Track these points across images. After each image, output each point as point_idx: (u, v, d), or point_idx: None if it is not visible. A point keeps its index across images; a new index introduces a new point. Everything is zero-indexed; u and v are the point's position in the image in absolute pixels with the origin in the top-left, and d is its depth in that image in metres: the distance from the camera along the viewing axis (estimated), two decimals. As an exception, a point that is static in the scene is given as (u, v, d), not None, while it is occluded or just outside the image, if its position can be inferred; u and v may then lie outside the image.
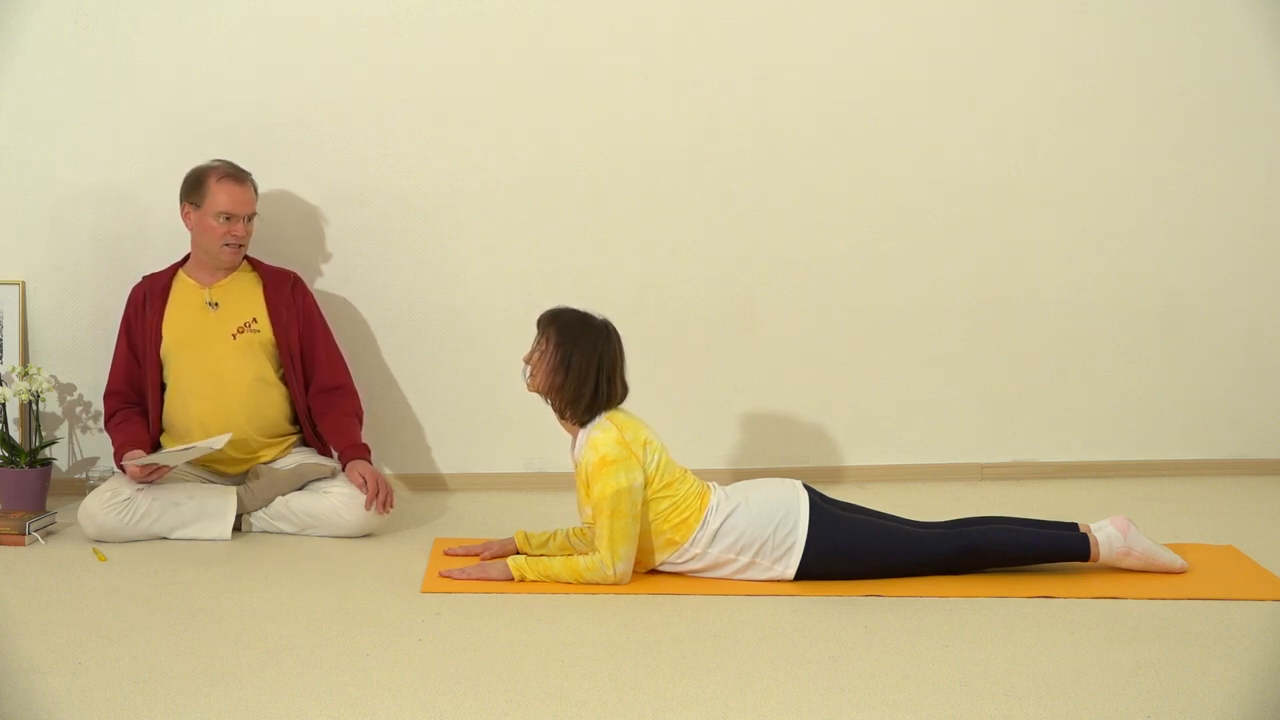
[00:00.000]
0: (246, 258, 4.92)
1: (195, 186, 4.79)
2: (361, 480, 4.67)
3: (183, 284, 4.86)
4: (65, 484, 5.16)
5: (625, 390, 4.26)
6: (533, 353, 4.24)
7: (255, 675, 3.48)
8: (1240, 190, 5.45)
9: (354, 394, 4.97)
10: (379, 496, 4.65)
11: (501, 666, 3.55)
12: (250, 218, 4.81)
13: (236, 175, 4.78)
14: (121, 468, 4.70)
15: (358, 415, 4.93)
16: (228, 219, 4.76)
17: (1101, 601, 4.06)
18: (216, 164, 4.82)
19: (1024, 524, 4.34)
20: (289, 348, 4.85)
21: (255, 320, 4.83)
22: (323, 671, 3.51)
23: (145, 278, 4.91)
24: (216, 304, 4.83)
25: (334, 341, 4.98)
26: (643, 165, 5.28)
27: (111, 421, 4.84)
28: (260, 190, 4.97)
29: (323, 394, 4.90)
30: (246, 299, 4.86)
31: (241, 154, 4.97)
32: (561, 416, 4.24)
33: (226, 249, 4.79)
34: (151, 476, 4.61)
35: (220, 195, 4.75)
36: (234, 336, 4.80)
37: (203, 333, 4.80)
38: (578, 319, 4.22)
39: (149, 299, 4.84)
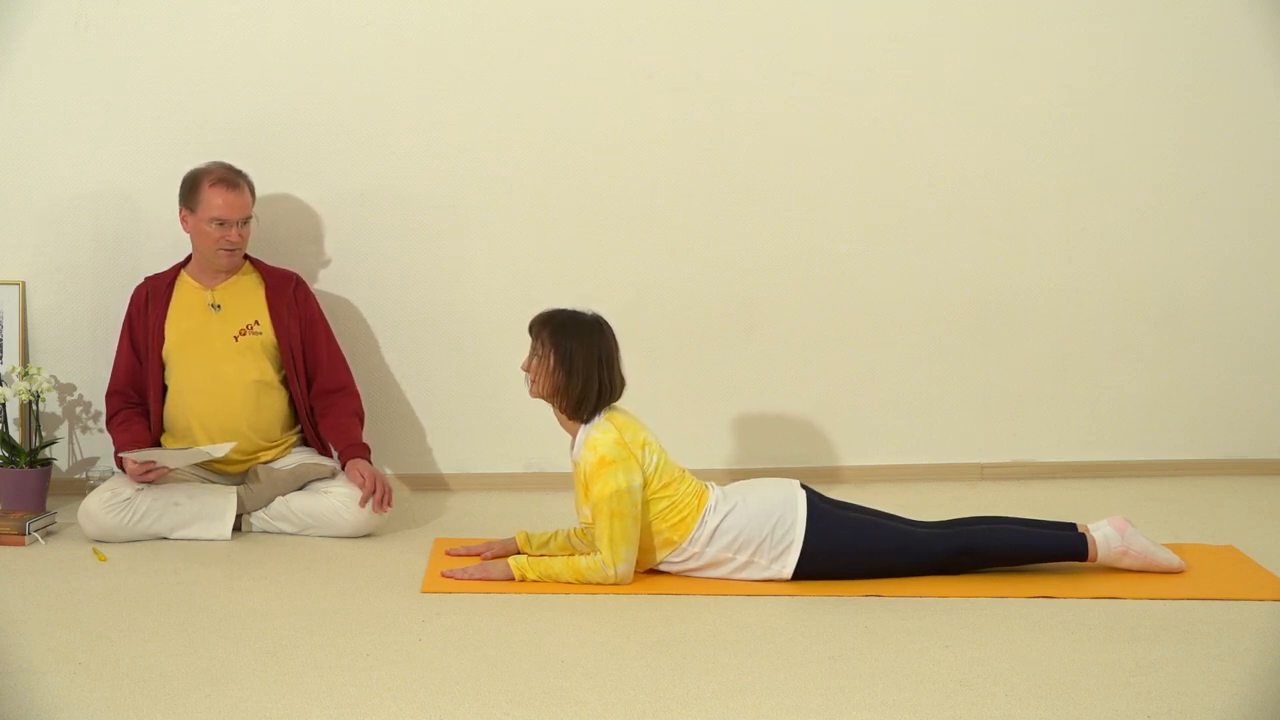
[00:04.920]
0: (249, 259, 4.92)
1: (190, 191, 4.78)
2: (360, 478, 4.67)
3: (185, 285, 4.86)
4: (65, 484, 5.16)
5: (624, 382, 4.27)
6: (530, 359, 4.24)
7: (255, 675, 3.48)
8: (1240, 190, 5.45)
9: (355, 394, 4.96)
10: (376, 494, 4.65)
11: (501, 666, 3.55)
12: (245, 221, 4.79)
13: (230, 180, 4.76)
14: (121, 465, 4.70)
15: (359, 415, 4.93)
16: (221, 225, 4.74)
17: (1101, 601, 4.06)
18: (211, 168, 4.80)
19: (1022, 524, 4.34)
20: (290, 350, 4.84)
21: (257, 322, 4.83)
22: (323, 671, 3.51)
23: (148, 278, 4.91)
24: (219, 306, 4.83)
25: (336, 343, 4.98)
26: (643, 165, 5.28)
27: (113, 421, 4.84)
28: (260, 191, 4.97)
29: (325, 395, 4.90)
30: (249, 301, 4.85)
31: (241, 154, 4.97)
32: (568, 416, 4.24)
33: (222, 253, 4.78)
34: (150, 476, 4.61)
35: (213, 201, 4.74)
36: (236, 339, 4.80)
37: (205, 334, 4.80)
38: (569, 318, 4.23)
39: (151, 300, 4.84)
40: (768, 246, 5.34)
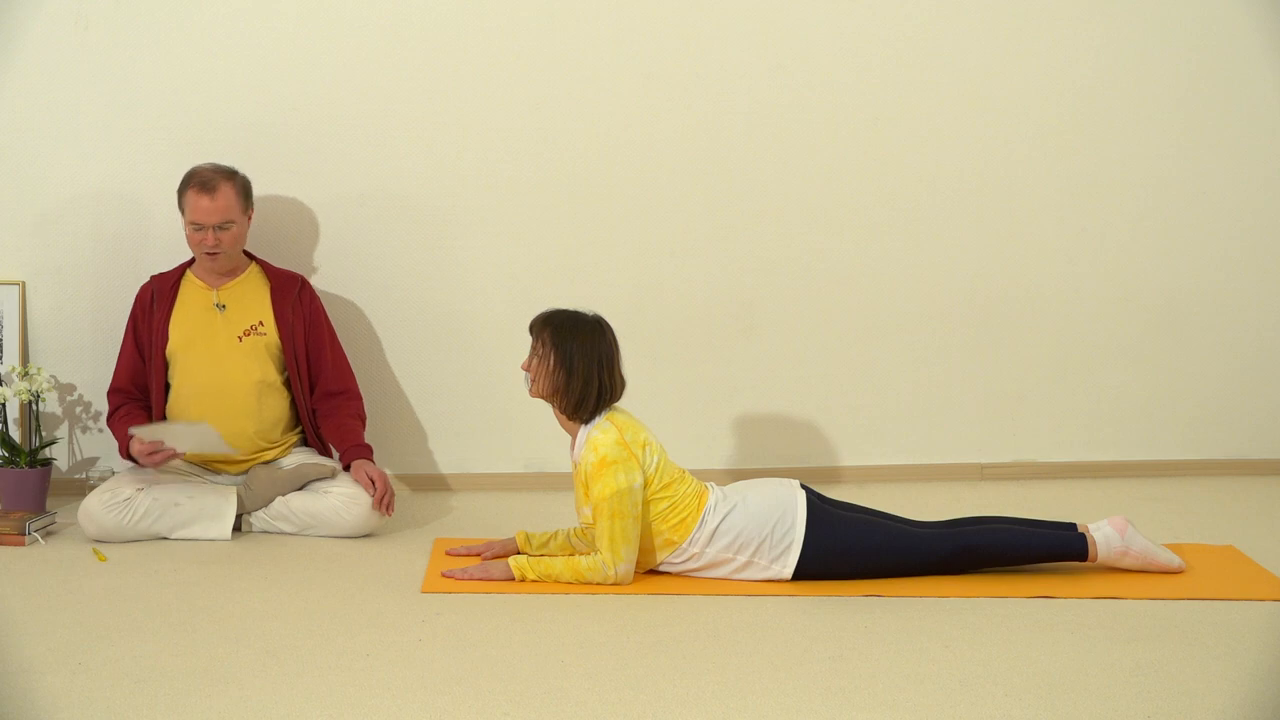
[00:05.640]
0: (255, 260, 4.92)
1: (180, 193, 4.79)
2: (369, 481, 4.67)
3: (190, 285, 4.87)
4: (65, 484, 5.16)
5: (624, 383, 4.27)
6: (530, 359, 4.24)
7: (255, 675, 3.48)
8: (1240, 190, 5.45)
9: (358, 398, 4.96)
10: (385, 498, 4.65)
11: (501, 666, 3.55)
12: (223, 226, 4.74)
13: (206, 184, 4.72)
14: (129, 455, 4.69)
15: (361, 418, 4.93)
16: (199, 229, 4.74)
17: (1101, 601, 4.06)
18: (197, 170, 4.77)
19: (1022, 524, 4.35)
20: (294, 351, 4.84)
21: (261, 323, 4.83)
22: (323, 671, 3.51)
23: (153, 277, 4.91)
24: (224, 306, 4.83)
25: (340, 345, 4.98)
26: (643, 165, 5.28)
27: (114, 416, 4.84)
28: (260, 191, 4.97)
29: (327, 398, 4.90)
30: (253, 302, 4.85)
31: (241, 154, 4.98)
32: (568, 417, 4.24)
33: (206, 256, 4.78)
34: (156, 458, 4.60)
35: (190, 204, 4.73)
36: (240, 339, 4.80)
37: (209, 334, 4.80)
38: (570, 319, 4.23)
39: (156, 299, 4.85)
40: (768, 246, 5.35)
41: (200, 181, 4.73)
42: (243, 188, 4.80)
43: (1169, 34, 5.35)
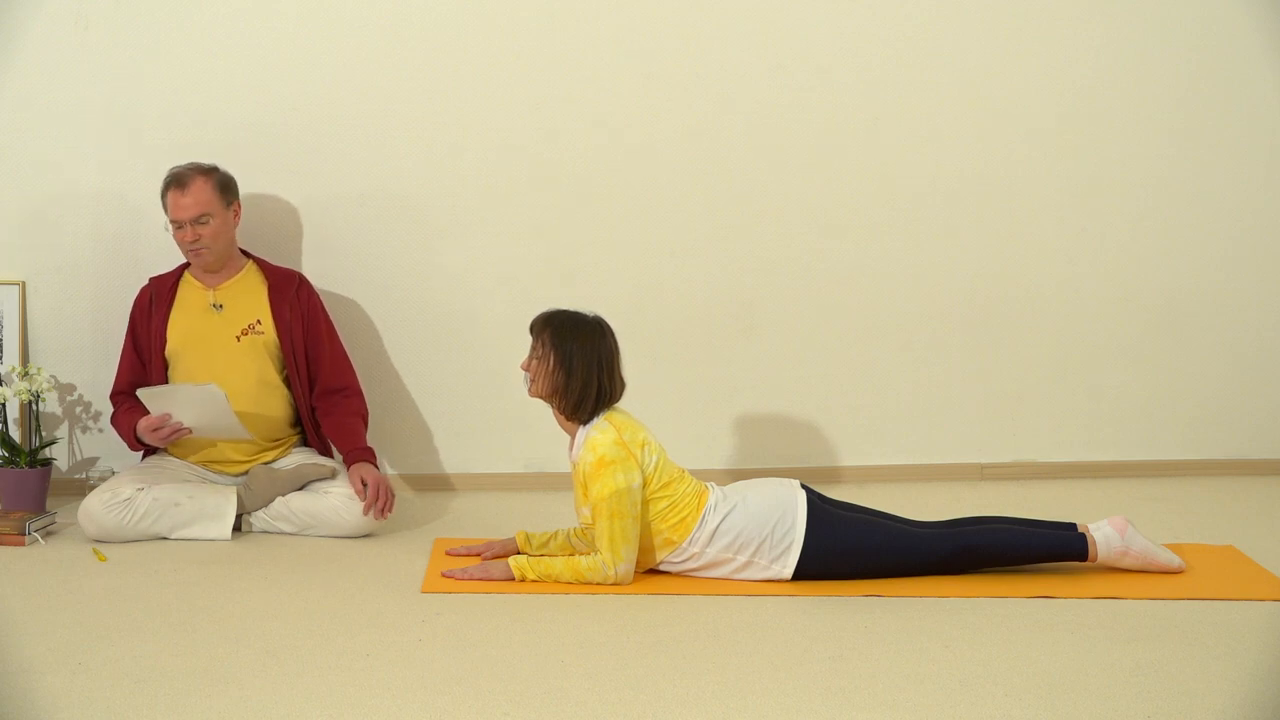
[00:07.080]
0: (253, 259, 4.92)
1: (161, 198, 4.79)
2: (361, 485, 4.66)
3: (188, 285, 4.87)
4: (65, 484, 5.16)
5: (623, 385, 4.27)
6: (530, 359, 4.24)
7: (255, 675, 3.48)
8: (1240, 190, 5.45)
9: (359, 395, 4.95)
10: (378, 503, 4.64)
11: (501, 666, 3.55)
12: (199, 220, 4.73)
13: (179, 180, 4.73)
14: (136, 442, 4.72)
15: (362, 416, 4.92)
16: (178, 227, 4.74)
17: (1101, 601, 4.06)
18: (172, 171, 4.78)
19: (1022, 524, 4.35)
20: (292, 349, 4.84)
21: (259, 322, 4.83)
22: (323, 671, 3.51)
23: (152, 279, 4.91)
24: (221, 306, 4.83)
25: (340, 343, 4.97)
26: (643, 165, 5.28)
27: (116, 414, 4.84)
28: (260, 191, 4.97)
29: (328, 395, 4.89)
30: (251, 301, 4.85)
31: (241, 154, 4.98)
32: (566, 417, 4.24)
33: (191, 253, 4.78)
34: (162, 433, 4.61)
35: (169, 204, 4.74)
36: (238, 339, 4.80)
37: (207, 335, 4.80)
38: (571, 319, 4.23)
39: (155, 301, 4.85)
40: (768, 247, 5.34)
41: (174, 178, 4.75)
42: (221, 183, 4.78)
43: (1169, 34, 5.35)
